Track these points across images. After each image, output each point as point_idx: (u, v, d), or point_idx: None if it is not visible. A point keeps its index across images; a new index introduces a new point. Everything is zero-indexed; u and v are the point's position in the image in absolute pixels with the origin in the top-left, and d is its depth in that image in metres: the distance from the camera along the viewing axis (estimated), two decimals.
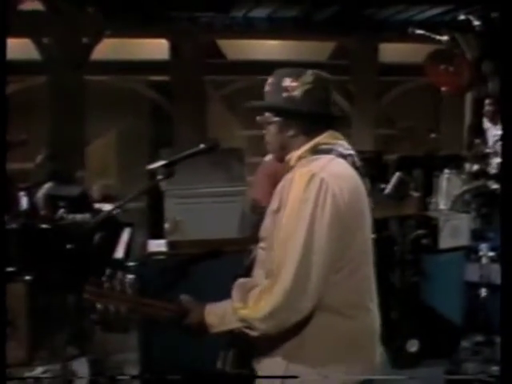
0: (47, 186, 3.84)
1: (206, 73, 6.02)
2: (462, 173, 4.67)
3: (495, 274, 3.51)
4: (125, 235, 4.30)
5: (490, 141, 4.72)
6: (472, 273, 3.44)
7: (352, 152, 1.59)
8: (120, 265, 3.90)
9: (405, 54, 6.27)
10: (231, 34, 5.67)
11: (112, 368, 3.39)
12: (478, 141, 4.49)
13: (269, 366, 1.56)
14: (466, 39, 5.08)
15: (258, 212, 5.02)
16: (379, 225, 4.07)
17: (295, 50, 6.34)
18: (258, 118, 1.68)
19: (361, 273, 1.52)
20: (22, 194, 3.91)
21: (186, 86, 5.95)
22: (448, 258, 3.36)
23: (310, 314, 1.46)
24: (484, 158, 4.49)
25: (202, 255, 2.87)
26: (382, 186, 4.72)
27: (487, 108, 4.90)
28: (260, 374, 1.61)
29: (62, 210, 3.49)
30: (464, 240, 3.45)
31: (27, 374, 3.03)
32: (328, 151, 1.54)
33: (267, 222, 1.58)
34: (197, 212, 5.44)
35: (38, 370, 3.07)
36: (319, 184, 1.42)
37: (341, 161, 1.53)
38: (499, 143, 4.22)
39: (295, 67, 1.71)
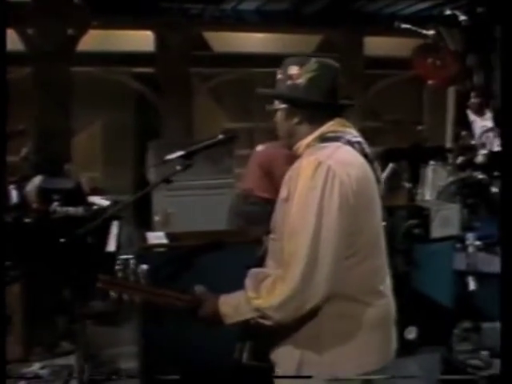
0: (38, 179, 3.79)
1: (192, 65, 5.99)
2: (447, 164, 4.77)
3: (481, 262, 3.60)
4: (114, 228, 4.28)
5: (477, 132, 4.80)
6: (459, 262, 3.52)
7: (360, 139, 1.62)
8: (113, 258, 3.89)
9: (390, 48, 6.33)
10: (219, 26, 5.65)
11: (107, 362, 3.39)
12: (464, 133, 4.57)
13: (284, 356, 1.58)
14: (451, 33, 5.16)
15: (249, 202, 5.04)
16: None
17: (282, 42, 6.34)
18: (267, 106, 1.71)
19: (373, 259, 1.55)
20: (11, 187, 3.86)
21: (173, 78, 5.92)
22: (439, 248, 3.42)
23: (324, 302, 1.47)
24: (471, 150, 4.57)
25: (203, 247, 2.88)
26: None
27: (472, 101, 4.98)
28: (276, 364, 1.62)
29: (55, 204, 3.45)
30: (454, 230, 3.51)
31: (25, 370, 3.02)
32: (336, 139, 1.56)
33: (277, 212, 1.59)
34: (186, 204, 5.43)
35: (36, 366, 3.05)
36: (326, 172, 1.44)
37: (348, 148, 1.55)
38: (486, 135, 4.31)
39: (287, 58, 1.72)
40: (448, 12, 4.90)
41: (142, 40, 5.79)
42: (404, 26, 5.17)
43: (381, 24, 5.63)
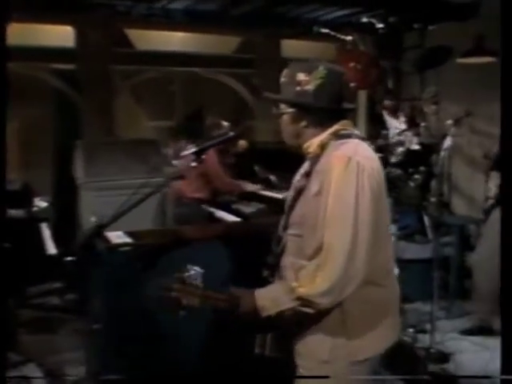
0: None
1: (113, 62, 5.88)
2: None
3: (401, 250, 3.95)
4: (45, 231, 4.17)
5: (391, 132, 5.19)
6: None
7: (364, 137, 1.80)
8: (57, 261, 3.81)
9: (308, 51, 6.62)
10: (144, 24, 5.60)
11: (57, 370, 3.33)
12: (384, 132, 4.93)
13: (314, 344, 1.70)
14: (367, 40, 5.52)
15: (181, 203, 5.07)
16: None
17: (203, 42, 6.42)
18: (273, 109, 1.82)
19: (388, 245, 1.73)
20: None
21: (94, 76, 5.78)
22: None
23: None
24: (388, 148, 4.92)
25: (165, 245, 2.93)
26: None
27: (387, 102, 5.37)
28: (302, 354, 1.73)
29: None
30: None
31: None
32: (349, 136, 1.72)
33: (303, 207, 1.70)
34: (116, 205, 5.35)
35: None
36: (356, 167, 1.60)
37: (365, 144, 1.72)
38: (404, 133, 4.67)
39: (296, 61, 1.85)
40: (365, 20, 5.23)
41: (62, 35, 5.60)
42: (323, 30, 5.45)
43: (300, 28, 5.88)
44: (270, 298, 1.65)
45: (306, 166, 1.77)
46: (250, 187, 4.76)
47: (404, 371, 3.14)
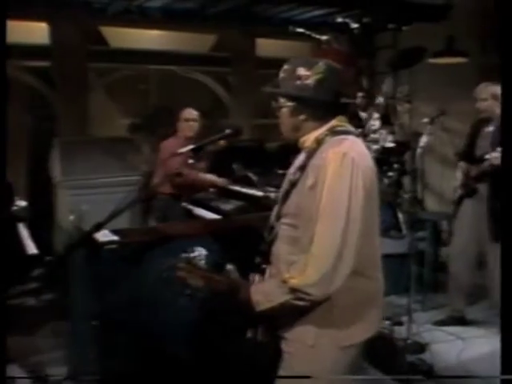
0: None
1: (88, 60, 5.85)
2: None
3: None
4: (23, 231, 4.13)
5: (366, 130, 5.30)
6: None
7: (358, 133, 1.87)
8: (40, 260, 3.79)
9: (284, 50, 6.70)
10: (119, 22, 5.59)
11: (39, 370, 3.32)
12: (359, 130, 5.03)
13: (301, 332, 1.76)
14: (342, 39, 5.61)
15: (155, 198, 5.07)
16: None
17: (178, 40, 6.43)
18: (273, 103, 1.88)
19: (375, 238, 1.80)
20: None
21: (68, 73, 5.74)
22: None
23: None
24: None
25: (153, 242, 2.95)
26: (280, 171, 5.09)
27: (359, 100, 5.48)
28: (290, 339, 1.79)
29: None
30: None
31: None
32: (345, 132, 1.79)
33: (297, 198, 1.76)
34: (96, 202, 5.33)
35: None
36: (351, 162, 1.66)
37: (359, 141, 1.79)
38: (379, 131, 4.78)
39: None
40: (340, 20, 5.32)
41: (37, 32, 5.53)
42: (298, 29, 5.53)
43: (276, 27, 5.95)
44: (264, 293, 1.71)
45: (300, 160, 1.82)
46: (220, 181, 4.73)
47: (384, 362, 3.24)
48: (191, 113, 4.63)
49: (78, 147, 5.05)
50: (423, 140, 3.76)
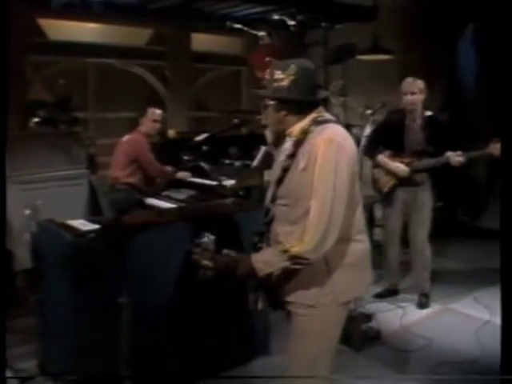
0: None
1: (26, 52, 5.78)
2: None
3: None
4: None
5: None
6: None
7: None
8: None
9: (220, 45, 6.93)
10: (57, 14, 5.58)
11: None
12: None
13: (303, 292, 2.06)
14: (276, 35, 5.94)
15: (116, 189, 5.23)
16: (247, 192, 4.71)
17: (116, 34, 6.48)
18: (262, 102, 2.15)
19: (359, 208, 2.13)
20: None
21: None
22: None
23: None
24: None
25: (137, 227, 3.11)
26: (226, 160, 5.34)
27: None
28: (294, 301, 2.09)
29: None
30: None
31: None
32: (326, 121, 2.09)
33: (291, 181, 2.05)
34: (43, 197, 5.38)
35: None
36: (337, 146, 1.97)
37: (339, 127, 2.10)
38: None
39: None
40: (276, 17, 5.65)
41: None
42: (236, 25, 5.79)
43: (214, 23, 6.16)
44: (264, 261, 1.99)
45: (288, 149, 2.09)
46: (181, 174, 5.00)
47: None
48: (159, 114, 4.85)
49: (20, 142, 5.02)
50: (366, 130, 4.14)
